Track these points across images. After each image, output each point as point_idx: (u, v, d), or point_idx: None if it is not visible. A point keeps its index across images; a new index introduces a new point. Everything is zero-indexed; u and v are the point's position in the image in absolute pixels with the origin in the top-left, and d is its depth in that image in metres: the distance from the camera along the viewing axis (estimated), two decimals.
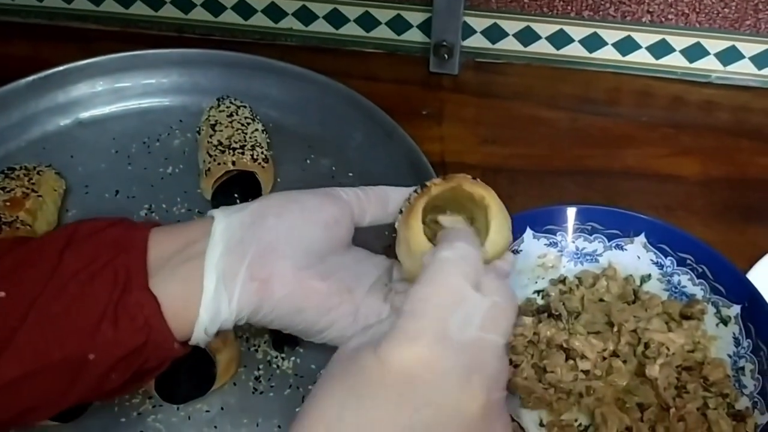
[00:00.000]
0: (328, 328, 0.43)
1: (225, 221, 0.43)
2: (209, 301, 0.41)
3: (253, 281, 0.41)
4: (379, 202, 0.46)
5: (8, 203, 0.58)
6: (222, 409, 0.52)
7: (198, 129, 0.66)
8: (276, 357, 0.54)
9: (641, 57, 0.73)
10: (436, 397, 0.31)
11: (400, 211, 0.46)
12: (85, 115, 0.69)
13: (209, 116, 0.65)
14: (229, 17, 0.76)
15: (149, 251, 0.42)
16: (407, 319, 0.34)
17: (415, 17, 0.73)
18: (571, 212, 0.56)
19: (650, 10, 0.69)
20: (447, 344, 0.33)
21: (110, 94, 0.69)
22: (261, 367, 0.54)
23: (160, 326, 0.40)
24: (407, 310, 0.34)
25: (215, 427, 0.51)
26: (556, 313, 0.53)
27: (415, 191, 0.45)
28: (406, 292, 0.38)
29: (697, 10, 0.69)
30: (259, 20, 0.76)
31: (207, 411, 0.52)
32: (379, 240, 0.51)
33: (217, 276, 0.41)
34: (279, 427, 0.51)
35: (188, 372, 0.51)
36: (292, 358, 0.54)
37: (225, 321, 0.42)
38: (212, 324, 0.42)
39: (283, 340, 0.55)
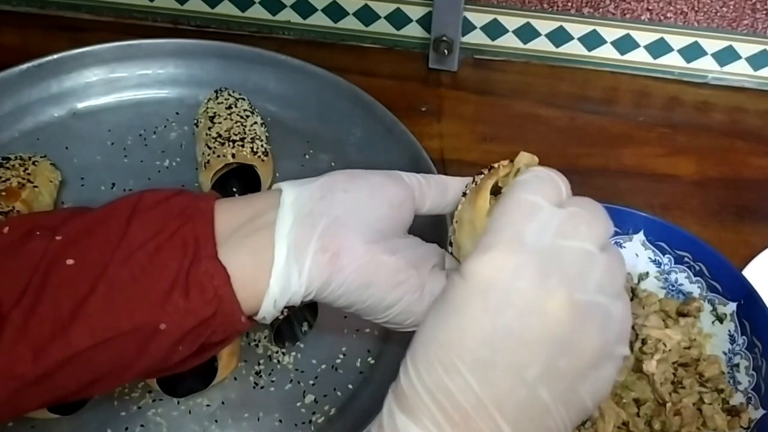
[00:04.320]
0: (396, 304, 0.42)
1: (294, 193, 0.43)
2: (280, 272, 0.40)
3: (324, 253, 0.41)
4: (439, 189, 0.46)
5: (4, 193, 0.57)
6: (223, 403, 0.52)
7: (195, 121, 0.65)
8: (276, 352, 0.54)
9: (639, 56, 0.73)
10: (514, 298, 0.32)
11: (464, 194, 0.45)
12: (79, 105, 0.67)
13: (207, 108, 0.64)
14: (226, 8, 0.75)
15: (216, 221, 0.41)
16: (484, 237, 0.35)
17: (415, 11, 0.73)
18: None
19: (650, 8, 0.70)
20: (522, 249, 0.33)
21: (105, 85, 0.68)
22: (262, 361, 0.54)
23: (230, 298, 0.40)
24: (486, 231, 0.35)
25: (216, 421, 0.51)
26: None
27: (480, 173, 0.45)
28: None
29: (696, 8, 0.69)
30: (257, 12, 0.75)
31: (208, 405, 0.52)
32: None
33: (288, 247, 0.40)
34: (280, 421, 0.51)
35: None
36: (293, 353, 0.54)
37: (294, 294, 0.41)
38: (282, 296, 0.41)
39: (284, 336, 0.54)
